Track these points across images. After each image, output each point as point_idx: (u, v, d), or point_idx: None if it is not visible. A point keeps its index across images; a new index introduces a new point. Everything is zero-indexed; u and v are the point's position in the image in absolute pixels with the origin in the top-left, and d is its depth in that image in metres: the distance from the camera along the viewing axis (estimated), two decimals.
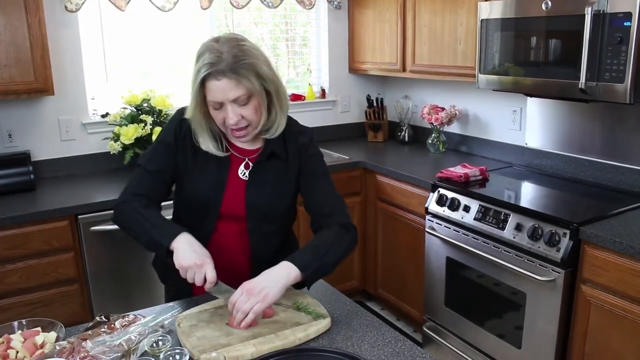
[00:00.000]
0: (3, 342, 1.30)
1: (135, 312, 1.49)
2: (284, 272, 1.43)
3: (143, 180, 1.62)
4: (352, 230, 1.59)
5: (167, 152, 1.61)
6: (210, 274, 1.42)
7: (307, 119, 3.94)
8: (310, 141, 1.67)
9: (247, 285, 1.41)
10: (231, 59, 1.43)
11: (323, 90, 4.03)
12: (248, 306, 1.37)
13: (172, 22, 3.40)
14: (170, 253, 1.46)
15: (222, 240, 1.62)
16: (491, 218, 2.48)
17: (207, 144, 1.57)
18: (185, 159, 1.61)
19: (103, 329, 1.36)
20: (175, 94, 3.23)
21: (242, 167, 1.62)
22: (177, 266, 1.43)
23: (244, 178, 1.62)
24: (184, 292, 1.68)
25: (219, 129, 1.58)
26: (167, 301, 1.70)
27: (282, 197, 1.65)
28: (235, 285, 1.46)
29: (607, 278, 2.08)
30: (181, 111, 1.63)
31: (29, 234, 2.52)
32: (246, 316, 1.38)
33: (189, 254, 1.43)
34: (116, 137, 3.07)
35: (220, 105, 1.48)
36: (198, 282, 1.43)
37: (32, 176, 2.86)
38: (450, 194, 2.72)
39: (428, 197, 2.85)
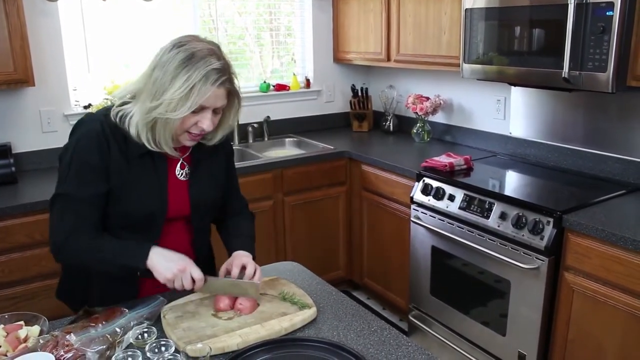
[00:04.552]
0: None
1: (120, 305, 1.47)
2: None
3: (78, 211, 1.44)
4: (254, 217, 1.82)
5: (96, 175, 1.45)
6: (196, 273, 1.44)
7: (292, 109, 3.93)
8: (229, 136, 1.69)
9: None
10: (229, 68, 1.43)
11: (308, 80, 4.01)
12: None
13: (154, 12, 3.36)
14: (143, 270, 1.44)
15: (167, 243, 1.54)
16: (476, 207, 2.49)
17: (169, 146, 1.48)
18: (119, 175, 1.47)
19: (87, 322, 1.35)
20: None
21: (177, 168, 1.58)
22: (162, 281, 1.43)
23: (183, 179, 1.58)
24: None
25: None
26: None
27: (220, 188, 1.68)
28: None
29: (589, 265, 2.10)
30: (91, 120, 1.47)
31: (11, 227, 2.49)
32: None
33: (168, 265, 1.42)
34: None
35: (201, 109, 1.42)
36: (187, 286, 1.43)
37: (13, 169, 2.82)
38: (435, 183, 2.73)
39: (413, 186, 2.86)
